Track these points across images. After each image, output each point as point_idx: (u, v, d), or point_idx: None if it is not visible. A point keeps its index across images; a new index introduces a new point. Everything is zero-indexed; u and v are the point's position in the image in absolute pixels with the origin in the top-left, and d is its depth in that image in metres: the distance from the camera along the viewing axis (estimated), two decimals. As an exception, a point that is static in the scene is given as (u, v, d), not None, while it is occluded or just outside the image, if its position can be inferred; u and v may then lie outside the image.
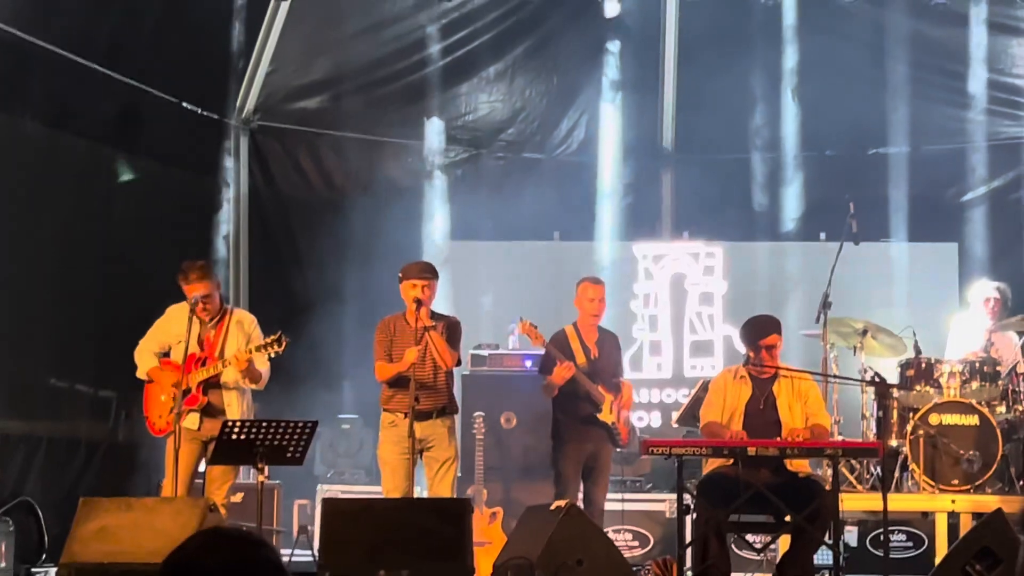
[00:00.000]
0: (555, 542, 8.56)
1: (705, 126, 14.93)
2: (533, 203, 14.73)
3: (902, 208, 14.39)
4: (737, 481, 8.86)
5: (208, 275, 9.89)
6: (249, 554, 3.21)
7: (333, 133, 14.99)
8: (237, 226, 14.66)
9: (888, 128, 14.59)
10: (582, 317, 10.99)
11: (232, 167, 14.67)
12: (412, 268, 10.11)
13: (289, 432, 9.09)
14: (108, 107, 12.92)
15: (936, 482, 10.65)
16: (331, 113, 14.82)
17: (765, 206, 14.95)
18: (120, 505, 8.55)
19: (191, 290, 9.73)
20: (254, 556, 3.22)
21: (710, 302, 14.83)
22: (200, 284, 9.75)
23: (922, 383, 11.09)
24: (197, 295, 9.69)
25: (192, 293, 9.71)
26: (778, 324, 9.66)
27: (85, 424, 12.77)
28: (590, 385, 10.68)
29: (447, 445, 9.92)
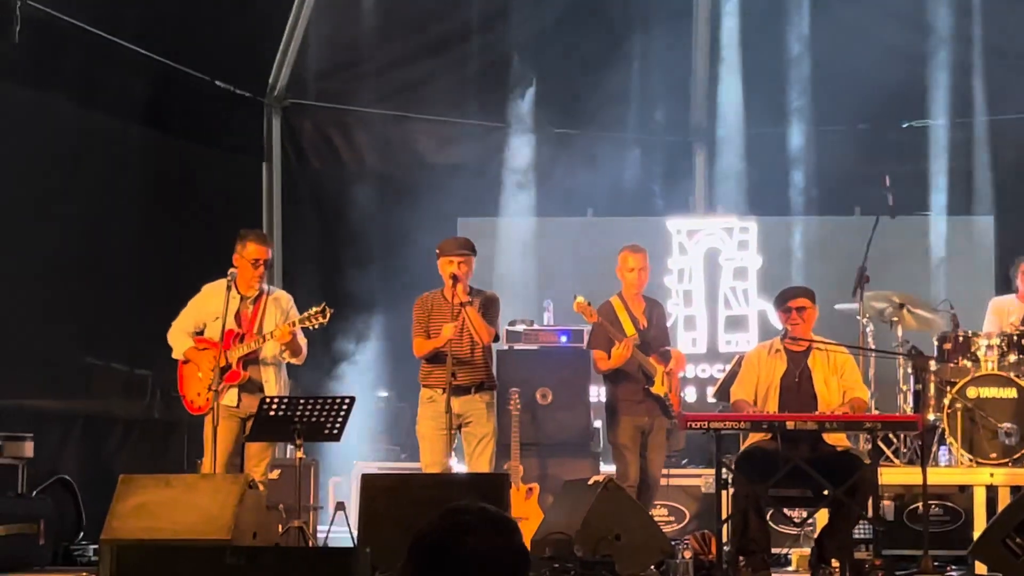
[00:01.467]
0: (593, 517, 8.55)
1: (738, 100, 14.86)
2: (566, 179, 14.70)
3: (938, 181, 14.30)
4: (775, 456, 8.83)
5: (267, 240, 9.98)
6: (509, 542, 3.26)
7: (365, 110, 14.95)
8: (270, 204, 14.66)
9: (923, 101, 14.49)
10: (625, 287, 10.88)
11: (265, 145, 14.67)
12: (449, 244, 10.12)
13: (327, 408, 9.11)
14: (140, 85, 12.93)
15: (974, 455, 10.60)
16: (364, 90, 14.79)
17: (799, 180, 14.86)
18: (159, 482, 8.57)
19: (251, 252, 9.70)
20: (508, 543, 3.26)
21: (744, 277, 14.79)
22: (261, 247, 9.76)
23: (959, 356, 11.02)
24: (255, 259, 9.69)
25: (252, 256, 9.69)
26: (810, 291, 9.65)
27: (121, 402, 12.80)
28: (643, 358, 10.57)
29: (485, 420, 9.94)
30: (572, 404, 12.27)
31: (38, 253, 11.77)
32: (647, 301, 11.01)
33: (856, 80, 14.43)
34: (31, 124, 11.79)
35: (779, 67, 14.68)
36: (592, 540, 8.40)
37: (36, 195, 11.79)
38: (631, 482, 10.21)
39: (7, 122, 11.35)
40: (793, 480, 8.91)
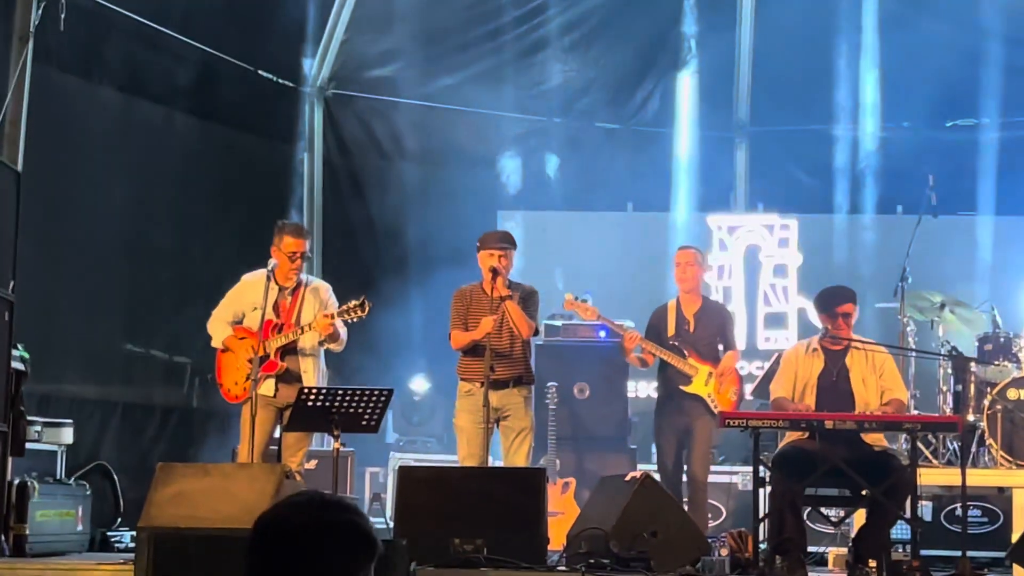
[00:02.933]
0: (630, 513, 8.52)
1: (780, 97, 14.82)
2: (607, 173, 14.69)
3: (981, 181, 14.23)
4: (813, 454, 8.80)
5: (305, 233, 9.97)
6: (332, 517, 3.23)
7: (407, 101, 14.96)
8: (311, 194, 14.70)
9: (966, 100, 14.41)
10: (678, 285, 10.95)
11: (306, 135, 14.69)
12: (490, 237, 10.12)
13: (364, 400, 9.11)
14: (184, 74, 13.00)
15: (1014, 457, 10.55)
16: (406, 81, 14.81)
17: (840, 178, 14.80)
18: (197, 471, 8.58)
19: (289, 244, 9.72)
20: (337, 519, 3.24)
21: (784, 274, 14.76)
22: (298, 241, 9.77)
23: (1001, 358, 10.96)
24: (292, 252, 9.70)
25: (289, 248, 9.71)
26: (853, 294, 9.59)
27: (160, 389, 12.86)
28: (672, 357, 10.63)
29: (523, 415, 9.93)
30: (609, 399, 12.27)
31: (81, 241, 11.83)
32: (705, 303, 11.01)
33: (901, 78, 14.37)
34: (76, 112, 11.85)
35: (823, 64, 14.62)
36: (628, 536, 8.38)
37: (80, 183, 11.85)
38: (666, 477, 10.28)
39: (53, 110, 11.42)
40: (831, 479, 8.87)
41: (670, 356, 10.66)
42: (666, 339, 10.75)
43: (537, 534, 8.40)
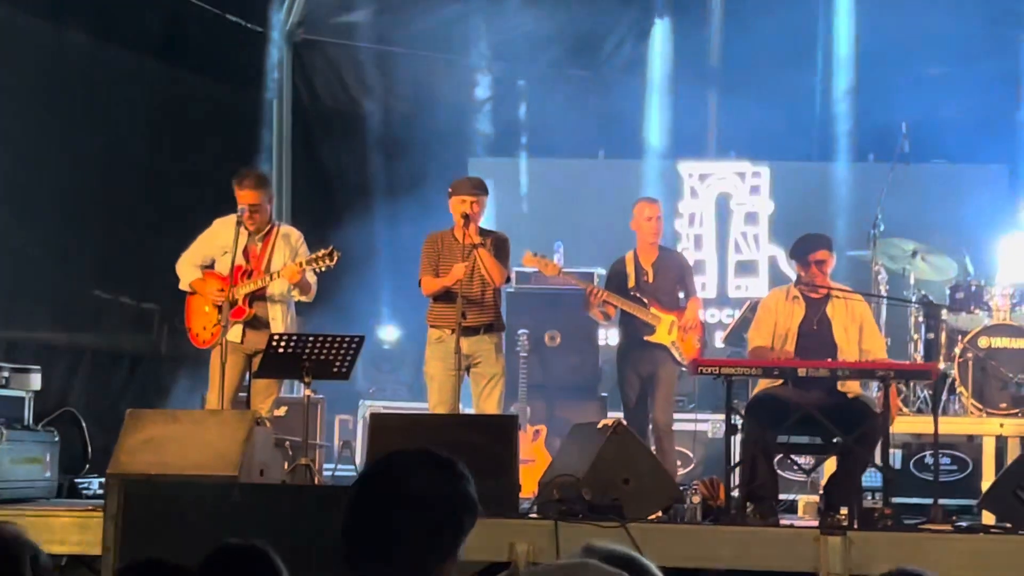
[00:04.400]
0: (602, 461, 8.48)
1: (752, 44, 14.74)
2: (578, 121, 14.61)
3: (953, 129, 14.19)
4: (786, 402, 8.79)
5: (261, 185, 9.83)
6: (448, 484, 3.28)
7: (377, 47, 14.86)
8: (280, 140, 14.61)
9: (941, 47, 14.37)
10: (640, 238, 10.94)
11: (275, 81, 14.59)
12: (462, 183, 10.05)
13: (336, 346, 9.08)
14: (152, 19, 12.88)
15: (984, 406, 10.55)
16: (375, 27, 14.70)
17: (812, 126, 14.77)
18: (167, 417, 8.55)
19: (242, 197, 9.65)
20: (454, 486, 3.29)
21: (756, 222, 14.74)
22: (251, 192, 9.68)
23: (972, 305, 10.95)
24: (245, 205, 9.62)
25: (242, 201, 9.63)
26: (829, 241, 9.57)
27: (128, 336, 12.80)
28: (633, 307, 10.66)
29: (494, 361, 9.89)
30: (580, 347, 12.27)
31: (49, 186, 11.75)
32: (662, 252, 11.01)
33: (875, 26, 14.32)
34: (45, 57, 11.73)
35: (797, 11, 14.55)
36: (600, 483, 8.34)
37: (49, 127, 11.75)
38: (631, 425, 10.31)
39: (23, 54, 11.33)
40: (803, 427, 8.87)
41: (633, 307, 10.66)
42: (627, 290, 10.75)
43: (509, 481, 8.37)
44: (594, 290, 10.75)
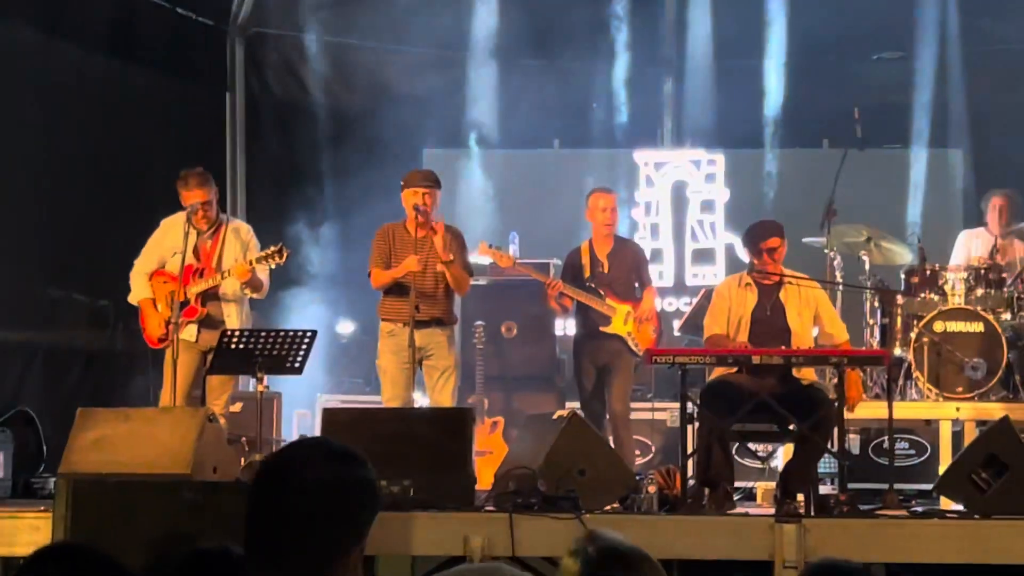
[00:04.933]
0: (557, 452, 8.47)
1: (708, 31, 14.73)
2: (533, 110, 14.57)
3: (908, 114, 14.22)
4: (740, 390, 8.80)
5: (207, 182, 9.78)
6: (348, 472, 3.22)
7: (329, 39, 14.78)
8: (234, 134, 14.54)
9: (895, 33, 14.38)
10: (595, 229, 10.95)
11: (227, 75, 14.51)
12: (414, 176, 10.04)
13: (288, 341, 9.05)
14: (101, 13, 12.77)
15: (940, 390, 10.56)
16: (328, 19, 14.62)
17: (767, 113, 14.76)
18: (118, 415, 8.49)
19: (190, 197, 9.60)
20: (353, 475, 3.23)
21: (712, 210, 14.74)
22: (199, 191, 9.64)
23: (926, 290, 10.96)
24: (196, 202, 9.57)
25: (190, 200, 9.58)
26: (780, 228, 9.58)
27: (83, 333, 12.70)
28: (588, 299, 10.68)
29: (447, 353, 9.87)
30: (537, 338, 12.26)
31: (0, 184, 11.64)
32: (617, 242, 11.02)
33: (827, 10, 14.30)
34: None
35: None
36: (556, 475, 8.32)
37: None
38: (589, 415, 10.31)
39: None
40: (759, 414, 8.87)
41: (588, 298, 10.68)
42: (583, 281, 10.75)
43: (464, 474, 8.34)
44: (551, 282, 10.74)
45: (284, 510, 3.16)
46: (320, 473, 3.17)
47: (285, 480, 3.18)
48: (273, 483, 3.19)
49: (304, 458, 3.21)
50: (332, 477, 3.18)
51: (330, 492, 3.16)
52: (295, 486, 3.16)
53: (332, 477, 3.18)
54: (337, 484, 3.18)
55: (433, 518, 7.94)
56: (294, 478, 3.17)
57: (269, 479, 3.21)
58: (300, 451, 3.27)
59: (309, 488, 3.15)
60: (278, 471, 3.21)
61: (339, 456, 3.23)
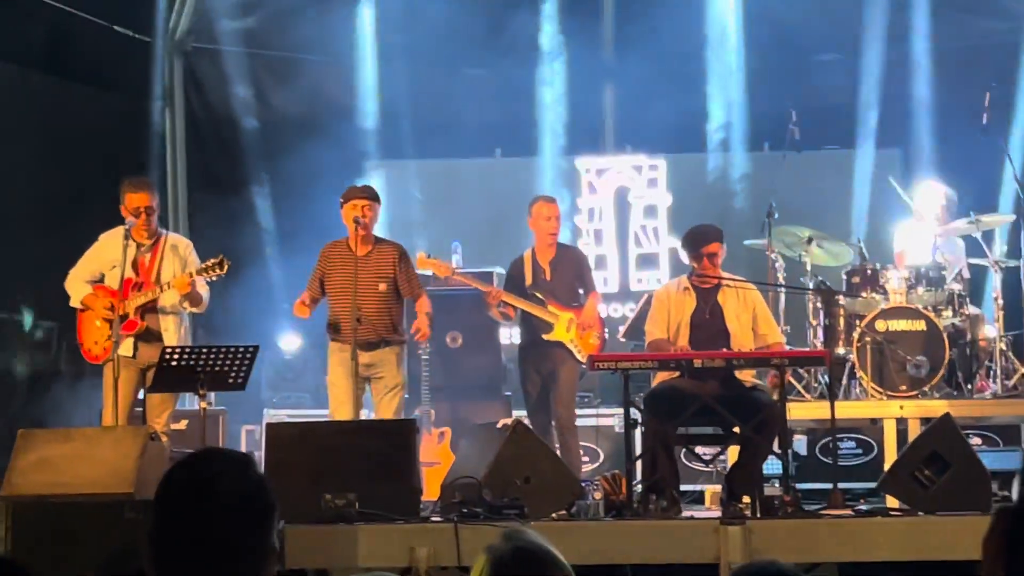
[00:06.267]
0: (502, 460, 8.46)
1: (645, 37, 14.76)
2: (474, 120, 14.58)
3: (845, 115, 14.29)
4: (683, 393, 8.81)
5: (152, 188, 9.76)
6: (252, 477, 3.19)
7: (268, 53, 14.76)
8: (173, 149, 14.48)
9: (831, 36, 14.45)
10: (539, 237, 10.96)
11: (166, 90, 14.46)
12: (352, 190, 10.06)
13: (230, 357, 8.99)
14: (37, 31, 12.71)
15: (884, 388, 10.60)
16: (264, 33, 14.60)
17: (707, 117, 14.80)
18: (59, 436, 8.41)
19: (134, 200, 9.54)
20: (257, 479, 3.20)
21: (654, 215, 14.79)
22: (144, 194, 9.60)
23: (868, 289, 11.00)
24: (140, 207, 9.52)
25: (134, 204, 9.53)
26: (719, 232, 9.63)
27: (26, 354, 12.62)
28: (530, 306, 10.70)
29: (395, 372, 9.86)
30: (482, 347, 12.26)
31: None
32: (560, 250, 11.02)
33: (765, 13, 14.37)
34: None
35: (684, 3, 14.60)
36: (501, 484, 8.31)
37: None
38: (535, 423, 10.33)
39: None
40: (703, 417, 8.89)
41: (530, 306, 10.69)
42: (525, 289, 10.76)
43: (409, 486, 8.32)
44: (491, 291, 10.75)
45: (203, 527, 3.10)
46: (234, 485, 3.13)
47: (200, 497, 3.11)
48: (187, 500, 3.12)
49: (215, 471, 3.15)
50: (243, 486, 3.14)
51: (244, 501, 3.13)
52: (213, 502, 3.10)
53: (243, 486, 3.14)
54: (248, 492, 3.14)
55: (379, 530, 7.92)
56: (207, 491, 3.11)
57: (182, 496, 3.13)
58: (207, 464, 3.19)
59: (227, 502, 3.11)
60: (191, 487, 3.14)
61: (241, 462, 3.19)
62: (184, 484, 3.16)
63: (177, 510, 3.13)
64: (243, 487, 3.14)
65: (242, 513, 3.12)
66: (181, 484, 3.16)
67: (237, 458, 3.22)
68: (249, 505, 3.13)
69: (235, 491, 3.13)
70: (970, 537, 7.74)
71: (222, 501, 3.11)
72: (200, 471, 3.17)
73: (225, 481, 3.13)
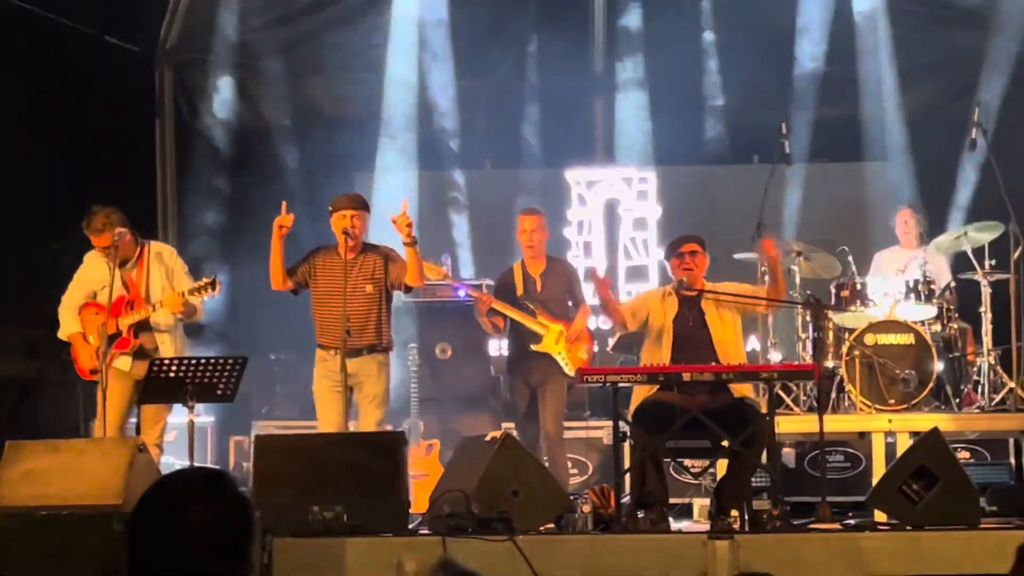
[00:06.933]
0: (490, 473, 8.47)
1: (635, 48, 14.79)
2: (464, 131, 14.58)
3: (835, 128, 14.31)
4: (672, 406, 8.81)
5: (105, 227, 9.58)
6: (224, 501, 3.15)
7: (259, 64, 14.76)
8: (164, 161, 14.47)
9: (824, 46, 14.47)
10: (523, 250, 10.94)
11: (157, 101, 14.46)
12: (341, 200, 10.02)
13: (219, 369, 8.99)
14: (27, 42, 12.69)
15: (872, 402, 10.63)
16: (256, 44, 14.60)
17: (698, 129, 14.81)
18: (48, 447, 8.40)
19: (99, 241, 9.54)
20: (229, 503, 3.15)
21: (644, 227, 14.79)
22: (100, 238, 9.55)
23: (857, 303, 11.03)
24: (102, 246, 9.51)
25: (99, 245, 9.54)
26: (698, 237, 9.69)
27: (15, 364, 12.61)
28: (520, 315, 10.67)
29: (375, 381, 9.77)
30: (472, 359, 12.26)
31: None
32: (550, 263, 11.02)
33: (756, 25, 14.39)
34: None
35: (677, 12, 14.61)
36: (489, 496, 8.32)
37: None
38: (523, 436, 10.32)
39: None
40: (692, 431, 8.87)
41: (520, 315, 10.67)
42: (515, 299, 10.75)
43: (397, 499, 8.32)
44: (481, 296, 10.75)
45: (169, 555, 3.07)
46: (201, 514, 3.09)
47: (165, 526, 3.09)
48: (153, 529, 3.10)
49: (180, 501, 3.12)
50: (213, 516, 3.09)
51: (214, 531, 3.09)
52: (176, 531, 3.08)
53: (213, 516, 3.09)
54: (219, 521, 3.10)
55: (367, 543, 7.93)
56: (174, 523, 3.09)
57: (148, 526, 3.11)
58: (174, 494, 3.15)
59: (191, 532, 3.07)
60: (156, 516, 3.11)
61: (213, 486, 3.15)
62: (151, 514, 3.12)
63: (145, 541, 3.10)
64: (212, 515, 3.10)
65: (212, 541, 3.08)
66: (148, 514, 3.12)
67: (208, 482, 3.17)
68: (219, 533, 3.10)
69: (203, 520, 3.08)
70: (958, 552, 7.83)
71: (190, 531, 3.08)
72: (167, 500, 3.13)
73: (193, 511, 3.09)
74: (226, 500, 3.14)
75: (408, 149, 14.63)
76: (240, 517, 3.14)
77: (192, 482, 3.17)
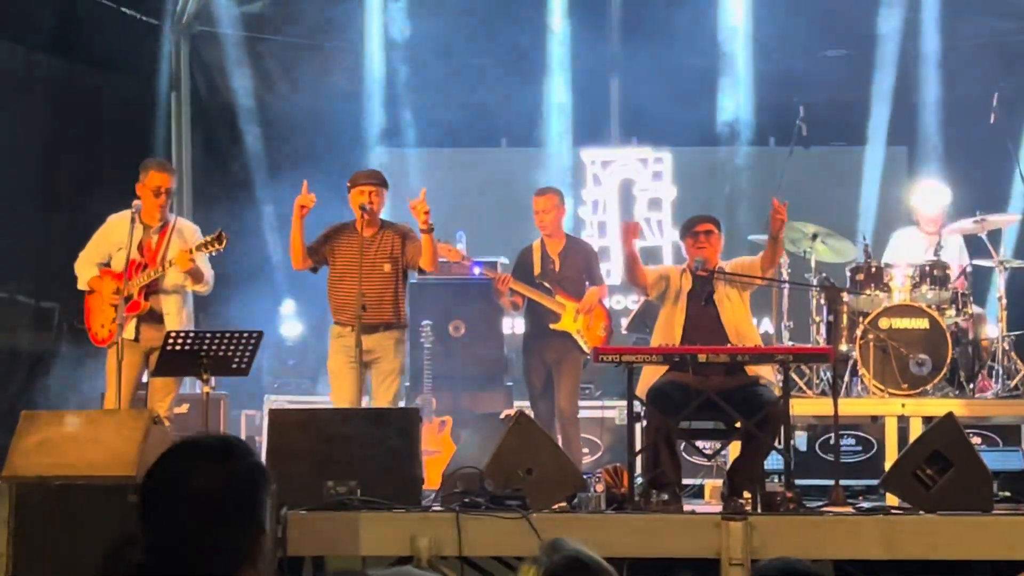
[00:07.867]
0: (504, 451, 8.46)
1: (652, 29, 14.75)
2: (480, 109, 14.57)
3: (853, 111, 14.28)
4: (686, 387, 8.79)
5: (172, 171, 9.81)
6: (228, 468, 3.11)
7: (275, 38, 14.75)
8: (179, 133, 14.48)
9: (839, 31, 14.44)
10: (540, 229, 10.93)
11: (173, 73, 14.44)
12: (359, 175, 9.99)
13: (234, 342, 8.97)
14: (45, 13, 12.68)
15: (886, 386, 10.61)
16: (271, 18, 14.59)
17: (714, 110, 14.79)
18: (62, 417, 8.39)
19: (154, 179, 9.53)
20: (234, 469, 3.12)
21: (659, 208, 14.78)
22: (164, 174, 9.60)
23: (872, 287, 11.00)
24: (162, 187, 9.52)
25: (153, 183, 9.52)
26: (713, 217, 9.69)
27: (27, 335, 12.62)
28: (538, 295, 10.67)
29: (392, 357, 9.76)
30: (485, 336, 12.23)
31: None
32: (569, 242, 11.02)
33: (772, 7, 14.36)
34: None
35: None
36: (503, 474, 8.31)
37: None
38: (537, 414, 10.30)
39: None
40: (706, 412, 8.87)
41: (538, 295, 10.67)
42: (533, 278, 10.74)
43: (411, 475, 8.33)
44: (500, 276, 10.74)
45: (179, 522, 3.05)
46: (208, 481, 3.06)
47: (174, 492, 3.06)
48: (162, 496, 3.07)
49: (188, 467, 3.08)
50: (221, 481, 3.06)
51: (222, 497, 3.06)
52: (185, 498, 3.05)
53: (221, 481, 3.06)
54: (227, 486, 3.06)
55: (380, 518, 7.93)
56: (182, 489, 3.05)
57: (157, 493, 3.08)
58: (183, 460, 3.10)
59: (199, 498, 3.04)
60: (165, 483, 3.08)
61: (221, 454, 3.11)
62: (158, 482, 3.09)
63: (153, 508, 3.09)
64: (221, 480, 3.07)
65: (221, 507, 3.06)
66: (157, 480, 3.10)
67: (215, 451, 3.13)
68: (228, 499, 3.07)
69: (212, 486, 3.06)
70: (971, 537, 7.83)
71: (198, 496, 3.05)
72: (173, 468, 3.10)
73: (202, 476, 3.07)
74: (236, 466, 3.10)
75: (424, 125, 14.60)
76: (250, 483, 3.11)
77: (202, 448, 3.14)
